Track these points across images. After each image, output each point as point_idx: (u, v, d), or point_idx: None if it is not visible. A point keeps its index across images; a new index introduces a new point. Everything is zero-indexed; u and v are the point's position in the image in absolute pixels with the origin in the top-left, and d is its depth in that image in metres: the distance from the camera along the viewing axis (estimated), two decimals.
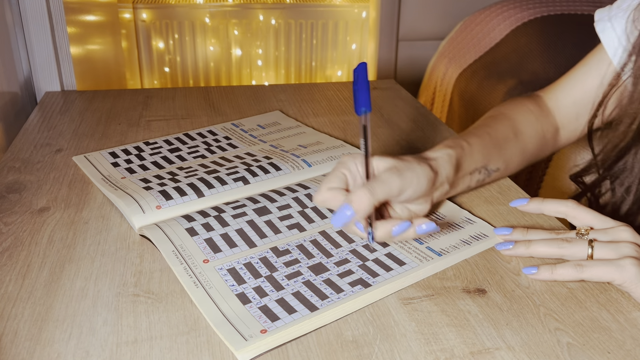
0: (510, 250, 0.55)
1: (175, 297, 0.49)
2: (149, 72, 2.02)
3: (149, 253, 0.55)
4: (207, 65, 2.05)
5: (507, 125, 0.67)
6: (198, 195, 0.62)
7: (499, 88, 1.60)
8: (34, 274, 0.51)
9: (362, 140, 0.53)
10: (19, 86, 0.95)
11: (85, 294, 0.49)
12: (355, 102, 0.53)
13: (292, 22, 2.05)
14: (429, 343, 0.45)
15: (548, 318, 0.47)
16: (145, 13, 1.95)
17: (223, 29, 2.02)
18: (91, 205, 0.62)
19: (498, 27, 1.80)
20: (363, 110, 0.53)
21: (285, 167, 0.69)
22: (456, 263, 0.54)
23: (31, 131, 0.81)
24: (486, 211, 0.63)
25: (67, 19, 0.98)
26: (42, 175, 0.68)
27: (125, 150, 0.74)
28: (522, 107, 0.71)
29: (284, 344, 0.44)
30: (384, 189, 0.50)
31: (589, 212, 0.56)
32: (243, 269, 0.52)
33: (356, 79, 0.54)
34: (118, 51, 1.52)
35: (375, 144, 0.79)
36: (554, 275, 0.51)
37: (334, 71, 2.14)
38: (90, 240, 0.56)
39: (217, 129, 0.82)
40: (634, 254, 0.50)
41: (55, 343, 0.44)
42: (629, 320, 0.47)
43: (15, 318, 0.46)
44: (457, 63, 1.84)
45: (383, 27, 1.96)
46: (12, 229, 0.58)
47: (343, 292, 0.49)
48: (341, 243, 0.56)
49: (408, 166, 0.53)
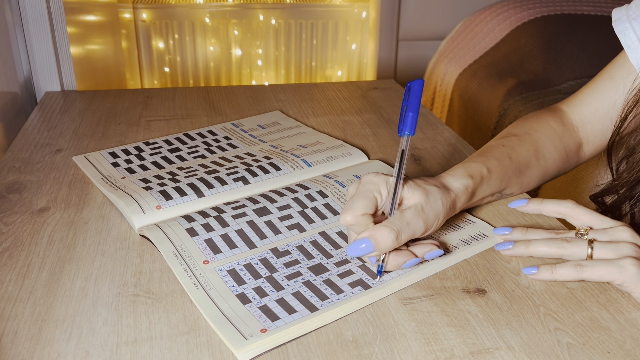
0: (510, 250, 0.55)
1: (175, 297, 0.49)
2: (149, 72, 2.02)
3: (149, 253, 0.55)
4: (207, 65, 2.05)
5: (530, 148, 0.64)
6: (198, 195, 0.62)
7: (499, 88, 1.60)
8: (34, 274, 0.51)
9: (397, 164, 0.51)
10: (19, 86, 0.95)
11: (85, 294, 0.49)
12: (400, 120, 0.50)
13: (292, 22, 2.05)
14: (429, 343, 0.45)
15: (548, 318, 0.47)
16: (145, 13, 1.95)
17: (223, 29, 2.02)
18: (91, 205, 0.62)
19: (498, 27, 1.80)
20: (406, 133, 0.51)
21: (285, 167, 0.69)
22: (456, 263, 0.54)
23: (31, 131, 0.81)
24: (486, 211, 0.63)
25: (67, 19, 0.98)
26: (42, 175, 0.68)
27: (125, 150, 0.74)
28: (547, 127, 0.67)
29: (284, 343, 0.44)
30: (409, 233, 0.49)
31: (588, 212, 0.56)
32: (243, 269, 0.52)
33: (407, 94, 0.51)
34: (118, 51, 1.52)
35: (375, 144, 0.79)
36: (554, 275, 0.51)
37: (334, 71, 2.14)
38: (90, 240, 0.56)
39: (217, 129, 0.82)
40: (633, 254, 0.50)
41: (55, 343, 0.44)
42: (629, 320, 0.47)
43: (15, 318, 0.46)
44: (457, 63, 1.84)
45: (383, 27, 1.97)
46: (12, 229, 0.58)
47: (343, 293, 0.49)
48: (341, 244, 0.56)
49: (433, 207, 0.51)
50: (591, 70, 1.53)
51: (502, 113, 1.53)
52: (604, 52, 1.55)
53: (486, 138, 1.58)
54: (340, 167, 0.71)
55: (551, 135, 0.67)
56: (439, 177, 0.56)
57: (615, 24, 0.66)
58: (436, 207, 0.52)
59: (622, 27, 0.65)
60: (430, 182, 0.53)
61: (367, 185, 0.51)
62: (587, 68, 1.54)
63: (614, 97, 0.66)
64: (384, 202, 0.51)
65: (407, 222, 0.49)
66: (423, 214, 0.50)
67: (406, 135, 0.51)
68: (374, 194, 0.50)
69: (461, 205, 0.57)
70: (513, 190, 0.64)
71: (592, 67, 1.54)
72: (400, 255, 0.51)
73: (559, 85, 1.53)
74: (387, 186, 0.51)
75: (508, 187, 0.62)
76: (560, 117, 0.69)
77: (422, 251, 0.52)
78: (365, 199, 0.50)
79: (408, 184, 0.52)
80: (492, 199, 0.63)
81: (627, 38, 0.64)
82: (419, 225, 0.50)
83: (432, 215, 0.51)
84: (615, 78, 0.66)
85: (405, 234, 0.49)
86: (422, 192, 0.51)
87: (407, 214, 0.50)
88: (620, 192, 0.63)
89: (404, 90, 1.01)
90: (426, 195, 0.51)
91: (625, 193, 0.62)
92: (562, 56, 1.60)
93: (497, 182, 0.60)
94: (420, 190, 0.51)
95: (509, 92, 1.55)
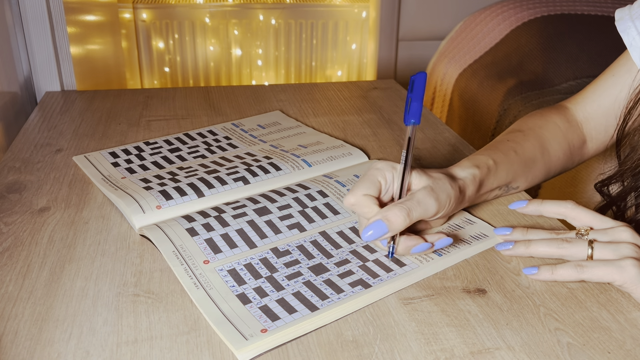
0: (510, 250, 0.55)
1: (175, 297, 0.49)
2: (149, 72, 2.02)
3: (149, 253, 0.55)
4: (207, 65, 2.05)
5: (534, 143, 0.66)
6: (198, 195, 0.62)
7: (499, 88, 1.60)
8: (34, 274, 0.51)
9: (404, 152, 0.52)
10: (19, 86, 0.95)
11: (85, 294, 0.49)
12: (405, 111, 0.52)
13: (292, 22, 2.05)
14: (429, 343, 0.45)
15: (548, 318, 0.47)
16: (145, 13, 1.95)
17: (223, 29, 2.02)
18: (91, 205, 0.62)
19: (498, 27, 1.80)
20: (412, 122, 0.52)
21: (285, 167, 0.69)
22: (456, 263, 0.54)
23: (31, 131, 0.81)
24: (486, 211, 0.63)
25: (67, 19, 0.98)
26: (42, 175, 0.68)
27: (126, 150, 0.74)
28: (550, 123, 0.68)
29: (284, 343, 0.44)
30: (420, 211, 0.51)
31: (589, 212, 0.56)
32: (243, 269, 0.52)
33: (411, 87, 0.53)
34: (118, 51, 1.52)
35: (375, 144, 0.79)
36: (554, 276, 0.51)
37: (334, 71, 2.14)
38: (91, 240, 0.56)
39: (217, 129, 0.82)
40: (634, 254, 0.50)
41: (56, 343, 0.44)
42: (629, 320, 0.47)
43: (15, 318, 0.46)
44: (457, 63, 1.84)
45: (383, 27, 1.97)
46: (13, 229, 0.58)
47: (343, 293, 0.49)
48: (341, 244, 0.56)
49: (443, 188, 0.53)
50: (591, 70, 1.53)
51: (502, 113, 1.53)
52: (603, 52, 1.55)
53: (486, 138, 1.58)
54: (341, 167, 0.71)
55: (555, 131, 0.68)
56: (446, 169, 0.58)
57: (618, 23, 0.67)
58: (445, 189, 0.53)
59: (625, 25, 0.66)
60: (437, 171, 0.55)
61: (372, 170, 0.53)
62: (587, 68, 1.54)
63: (615, 94, 0.67)
64: (389, 187, 0.53)
65: (417, 200, 0.51)
66: (434, 193, 0.52)
67: (412, 123, 0.52)
68: (378, 177, 0.52)
69: (470, 194, 0.58)
70: (519, 184, 0.65)
71: (592, 67, 1.54)
72: (411, 239, 0.52)
73: (559, 85, 1.53)
74: (394, 172, 0.53)
75: (514, 180, 0.63)
76: (564, 114, 0.70)
77: (432, 238, 0.53)
78: (367, 182, 0.52)
79: (415, 171, 0.53)
80: (500, 193, 0.64)
81: (630, 36, 0.65)
82: (430, 203, 0.51)
83: (443, 195, 0.53)
84: (618, 75, 0.67)
85: (416, 212, 0.50)
86: (429, 178, 0.53)
87: (417, 194, 0.52)
88: (625, 182, 0.64)
89: (404, 90, 1.01)
90: (433, 180, 0.53)
91: (630, 184, 0.63)
92: (562, 56, 1.60)
93: (503, 174, 0.61)
94: (427, 176, 0.53)
95: (509, 92, 1.55)
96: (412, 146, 0.53)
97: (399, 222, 0.50)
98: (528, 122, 0.69)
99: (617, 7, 1.74)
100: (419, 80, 0.52)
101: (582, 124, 0.70)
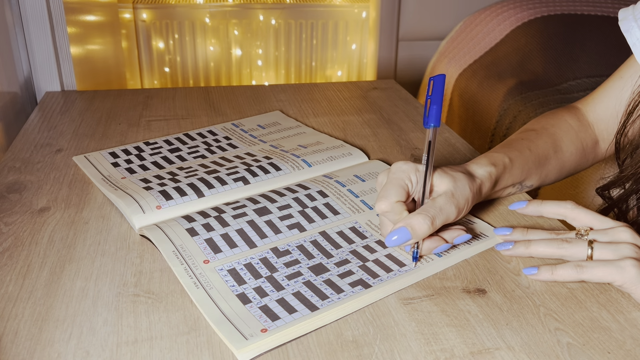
0: (510, 250, 0.55)
1: (175, 297, 0.49)
2: (149, 72, 2.02)
3: (149, 253, 0.55)
4: (207, 65, 2.05)
5: (548, 141, 0.66)
6: (198, 195, 0.62)
7: (499, 88, 1.60)
8: (34, 274, 0.51)
9: (425, 155, 0.53)
10: (19, 86, 0.95)
11: (85, 294, 0.49)
12: (424, 114, 0.53)
13: (292, 22, 2.05)
14: (429, 343, 0.45)
15: (548, 318, 0.47)
16: (145, 13, 1.95)
17: (223, 29, 2.02)
18: (91, 206, 0.62)
19: (498, 27, 1.80)
20: (431, 125, 0.52)
21: (285, 167, 0.69)
22: (456, 263, 0.54)
23: (31, 131, 0.81)
24: (486, 211, 0.63)
25: (67, 19, 0.98)
26: (42, 175, 0.68)
27: (126, 150, 0.74)
28: (563, 123, 0.69)
29: (284, 343, 0.44)
30: (443, 218, 0.52)
31: (588, 212, 0.56)
32: (243, 269, 0.52)
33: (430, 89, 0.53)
34: (118, 51, 1.52)
35: (375, 144, 0.79)
36: (554, 276, 0.51)
37: (334, 71, 2.14)
38: (91, 240, 0.56)
39: (217, 129, 0.82)
40: (633, 254, 0.50)
41: (56, 343, 0.44)
42: (629, 320, 0.47)
43: (15, 318, 0.46)
44: (457, 63, 1.84)
45: (383, 27, 1.96)
46: (13, 229, 0.58)
47: (343, 293, 0.49)
48: (341, 244, 0.56)
49: (462, 192, 0.54)
50: (591, 70, 1.53)
51: (502, 113, 1.53)
52: (604, 52, 1.55)
53: (486, 138, 1.58)
54: (341, 167, 0.71)
55: (568, 129, 0.69)
56: (464, 165, 0.58)
57: (621, 23, 0.67)
58: (465, 192, 0.54)
59: (628, 25, 0.66)
60: (457, 169, 0.56)
61: (398, 174, 0.53)
62: (587, 68, 1.54)
63: (622, 96, 0.68)
64: (414, 190, 0.54)
65: (439, 208, 0.52)
66: (454, 199, 0.53)
67: (432, 127, 0.53)
68: (405, 181, 0.53)
69: (486, 191, 0.59)
70: (533, 182, 0.65)
71: (591, 67, 1.54)
72: (433, 241, 0.53)
73: (559, 85, 1.53)
74: (417, 174, 0.54)
75: (528, 178, 0.64)
76: (575, 114, 0.71)
77: (451, 236, 0.54)
78: (397, 187, 0.52)
79: (436, 172, 0.54)
80: (513, 191, 0.64)
81: (633, 36, 0.66)
82: (451, 210, 0.52)
83: (462, 200, 0.54)
84: (624, 77, 0.68)
85: (439, 220, 0.51)
86: (450, 178, 0.54)
87: (439, 201, 0.52)
88: (626, 185, 0.64)
89: (404, 91, 1.01)
90: (454, 181, 0.54)
91: (631, 186, 0.64)
92: (562, 56, 1.60)
93: (518, 171, 0.62)
94: (448, 177, 0.54)
95: (509, 92, 1.55)
96: (433, 149, 0.53)
97: (423, 229, 0.51)
98: (541, 121, 0.70)
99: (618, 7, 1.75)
100: (438, 82, 0.53)
101: (593, 125, 0.71)
